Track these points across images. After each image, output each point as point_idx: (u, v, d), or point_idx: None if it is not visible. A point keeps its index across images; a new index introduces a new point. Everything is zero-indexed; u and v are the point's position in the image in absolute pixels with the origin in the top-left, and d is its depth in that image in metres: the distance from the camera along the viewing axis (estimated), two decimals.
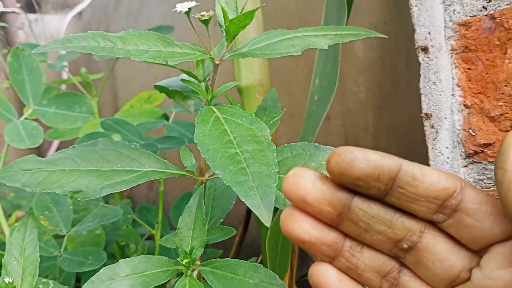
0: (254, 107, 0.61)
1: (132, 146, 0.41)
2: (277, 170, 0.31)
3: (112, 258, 0.79)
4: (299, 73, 0.80)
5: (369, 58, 0.67)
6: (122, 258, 0.79)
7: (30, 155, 0.39)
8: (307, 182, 0.25)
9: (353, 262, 0.26)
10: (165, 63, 0.34)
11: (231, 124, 0.36)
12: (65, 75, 1.60)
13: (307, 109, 0.55)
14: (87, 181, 0.38)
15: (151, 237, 0.90)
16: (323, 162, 0.39)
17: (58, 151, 0.40)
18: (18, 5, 1.64)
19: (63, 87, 1.41)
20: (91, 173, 0.39)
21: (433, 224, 0.25)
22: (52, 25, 1.70)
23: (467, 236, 0.24)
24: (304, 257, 0.77)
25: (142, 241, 0.76)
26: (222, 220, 0.46)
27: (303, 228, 0.25)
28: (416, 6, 0.44)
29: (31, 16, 1.66)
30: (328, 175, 0.25)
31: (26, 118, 0.56)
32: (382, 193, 0.25)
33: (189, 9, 0.36)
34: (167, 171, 0.41)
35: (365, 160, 0.24)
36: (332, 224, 0.26)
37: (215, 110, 0.38)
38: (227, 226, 0.43)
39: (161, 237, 0.68)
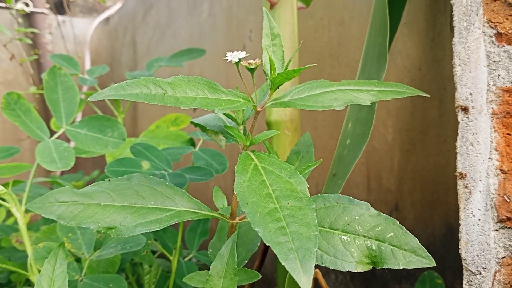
0: (282, 142, 0.62)
1: (167, 184, 0.41)
2: (317, 233, 0.31)
3: (125, 276, 0.79)
4: None
5: (400, 102, 0.67)
6: (134, 276, 0.79)
7: (66, 187, 0.39)
8: None
9: None
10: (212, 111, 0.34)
11: (270, 175, 0.36)
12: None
13: (336, 152, 0.55)
14: (121, 218, 0.38)
15: (162, 255, 0.90)
16: (357, 217, 0.39)
17: (94, 183, 0.41)
18: (47, 5, 1.66)
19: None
20: (125, 209, 0.39)
21: None
22: (79, 28, 1.73)
23: None
24: None
25: (155, 261, 0.76)
26: (246, 261, 0.46)
27: None
28: (459, 65, 0.44)
29: (60, 17, 1.68)
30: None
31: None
32: None
33: (239, 59, 0.36)
34: (199, 211, 0.41)
35: None
36: None
37: (253, 157, 0.38)
38: (252, 270, 0.43)
39: (177, 261, 0.68)
